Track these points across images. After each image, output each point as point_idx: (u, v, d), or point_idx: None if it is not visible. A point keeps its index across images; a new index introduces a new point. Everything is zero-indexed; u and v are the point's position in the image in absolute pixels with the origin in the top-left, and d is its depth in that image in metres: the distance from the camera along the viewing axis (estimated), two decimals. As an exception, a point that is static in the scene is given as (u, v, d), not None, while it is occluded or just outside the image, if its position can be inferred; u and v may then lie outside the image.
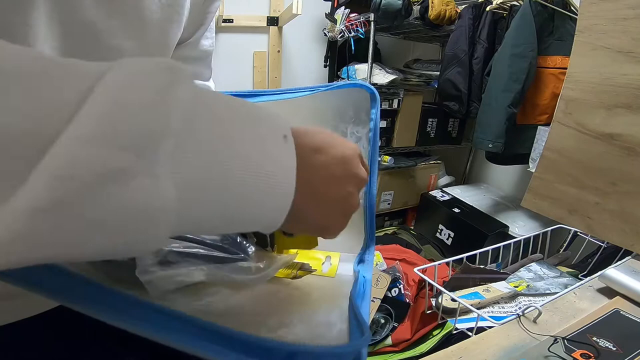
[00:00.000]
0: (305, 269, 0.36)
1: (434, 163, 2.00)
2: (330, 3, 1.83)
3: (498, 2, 1.39)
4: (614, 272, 0.65)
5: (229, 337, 0.18)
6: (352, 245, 0.42)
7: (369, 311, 0.28)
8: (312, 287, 0.35)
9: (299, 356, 0.18)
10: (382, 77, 1.69)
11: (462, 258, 0.84)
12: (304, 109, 0.46)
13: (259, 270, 0.30)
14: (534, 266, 0.86)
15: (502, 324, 0.59)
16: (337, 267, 0.39)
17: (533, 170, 1.02)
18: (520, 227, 1.52)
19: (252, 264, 0.30)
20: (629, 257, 0.75)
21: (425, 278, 0.75)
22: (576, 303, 0.63)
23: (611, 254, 0.84)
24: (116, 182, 0.15)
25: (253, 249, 0.31)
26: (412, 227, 1.89)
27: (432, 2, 1.53)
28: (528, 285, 0.80)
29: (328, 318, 0.27)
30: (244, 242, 0.31)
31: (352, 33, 1.67)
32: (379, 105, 0.43)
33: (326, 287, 0.36)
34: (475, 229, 1.54)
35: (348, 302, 0.29)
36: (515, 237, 0.94)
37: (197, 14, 0.42)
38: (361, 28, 1.65)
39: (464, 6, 1.53)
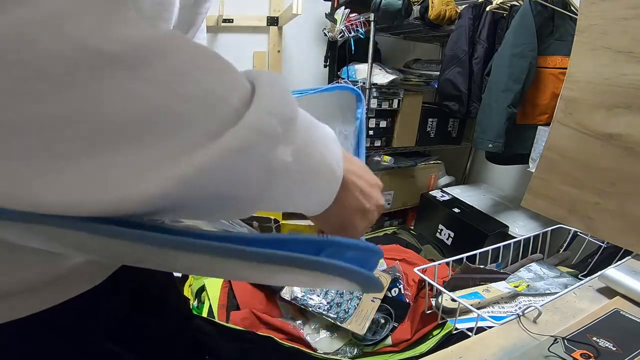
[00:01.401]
0: None
1: (434, 163, 2.00)
2: (330, 3, 1.83)
3: (498, 2, 1.39)
4: (614, 272, 0.65)
5: (261, 239, 0.21)
6: None
7: None
8: None
9: (326, 248, 0.21)
10: (382, 77, 1.69)
11: (462, 258, 0.84)
12: None
13: None
14: (534, 266, 0.86)
15: (502, 324, 0.59)
16: None
17: (533, 170, 1.02)
18: (520, 227, 1.52)
19: None
20: (629, 257, 0.75)
21: (425, 278, 0.75)
22: (576, 303, 0.63)
23: (611, 254, 0.84)
24: (273, 141, 0.21)
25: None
26: (412, 227, 1.89)
27: (432, 2, 1.53)
28: (528, 285, 0.79)
29: None
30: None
31: (352, 33, 1.67)
32: (364, 105, 0.47)
33: None
34: (475, 229, 1.54)
35: None
36: (515, 237, 0.94)
37: (187, 14, 0.42)
38: (361, 28, 1.65)
39: (464, 6, 1.53)
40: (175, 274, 0.65)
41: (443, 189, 1.86)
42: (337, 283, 0.23)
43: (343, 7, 1.70)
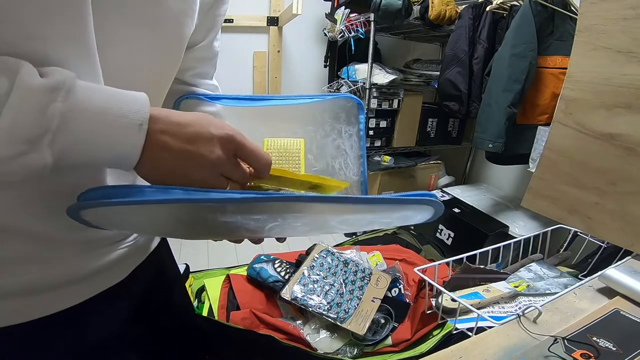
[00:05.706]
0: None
1: (434, 163, 2.00)
2: (330, 3, 1.83)
3: (498, 2, 1.39)
4: (614, 272, 0.65)
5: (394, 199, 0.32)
6: None
7: None
8: None
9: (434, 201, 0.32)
10: (382, 77, 1.69)
11: (462, 258, 0.84)
12: (305, 112, 0.59)
13: None
14: (534, 266, 0.86)
15: (502, 324, 0.59)
16: None
17: (533, 170, 1.02)
18: (520, 227, 1.52)
19: None
20: (629, 257, 0.75)
21: (425, 278, 0.75)
22: (576, 303, 0.63)
23: (611, 254, 0.84)
24: (20, 157, 0.25)
25: None
26: (412, 227, 1.89)
27: (432, 2, 1.54)
28: (528, 285, 0.79)
29: None
30: None
31: (352, 33, 1.67)
32: (364, 111, 0.57)
33: None
34: (475, 229, 1.54)
35: None
36: (515, 237, 0.94)
37: (208, 17, 0.45)
38: (361, 28, 1.65)
39: (464, 6, 1.53)
40: (178, 272, 0.66)
41: (443, 189, 1.86)
42: (426, 212, 0.35)
43: (343, 7, 1.70)
